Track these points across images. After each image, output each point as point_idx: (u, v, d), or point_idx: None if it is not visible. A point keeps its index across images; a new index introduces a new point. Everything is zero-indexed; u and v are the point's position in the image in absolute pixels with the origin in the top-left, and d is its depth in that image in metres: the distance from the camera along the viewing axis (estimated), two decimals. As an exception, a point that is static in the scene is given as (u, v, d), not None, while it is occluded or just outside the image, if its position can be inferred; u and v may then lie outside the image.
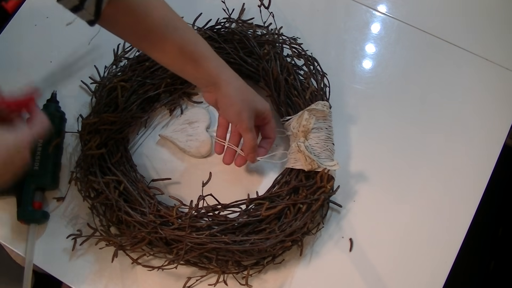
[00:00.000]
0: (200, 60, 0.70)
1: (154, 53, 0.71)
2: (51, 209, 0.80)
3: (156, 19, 0.67)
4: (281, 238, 0.71)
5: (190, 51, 0.69)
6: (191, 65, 0.70)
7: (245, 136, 0.74)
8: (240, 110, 0.72)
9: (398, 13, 0.96)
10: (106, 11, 0.65)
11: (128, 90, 0.82)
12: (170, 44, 0.68)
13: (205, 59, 0.71)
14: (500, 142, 0.85)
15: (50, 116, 0.82)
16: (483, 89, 0.89)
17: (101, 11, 0.65)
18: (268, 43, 0.84)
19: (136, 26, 0.67)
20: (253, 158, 0.76)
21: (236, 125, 0.74)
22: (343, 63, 0.92)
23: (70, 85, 0.88)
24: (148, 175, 0.82)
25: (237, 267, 0.74)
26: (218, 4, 0.91)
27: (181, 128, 0.85)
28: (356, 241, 0.78)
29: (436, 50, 0.93)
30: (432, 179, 0.82)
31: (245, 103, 0.72)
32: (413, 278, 0.76)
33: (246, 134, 0.73)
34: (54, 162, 0.81)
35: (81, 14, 0.65)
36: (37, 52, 0.90)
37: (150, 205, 0.75)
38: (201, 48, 0.71)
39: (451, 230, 0.79)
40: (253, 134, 0.74)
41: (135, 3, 0.66)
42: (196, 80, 0.74)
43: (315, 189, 0.75)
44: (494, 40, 0.93)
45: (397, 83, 0.90)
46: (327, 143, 0.76)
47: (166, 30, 0.68)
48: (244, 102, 0.72)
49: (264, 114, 0.76)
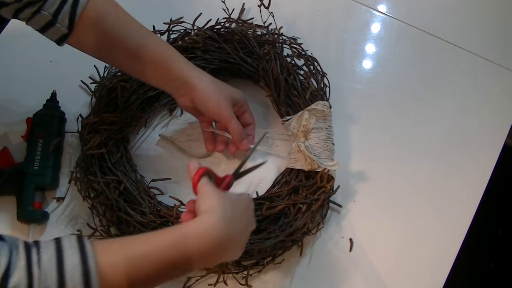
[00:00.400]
0: (171, 61, 0.72)
1: (127, 62, 0.72)
2: (51, 209, 0.80)
3: (127, 27, 0.70)
4: (281, 238, 0.71)
5: (160, 54, 0.71)
6: (164, 68, 0.71)
7: (230, 125, 0.75)
8: (218, 101, 0.73)
9: (398, 13, 0.96)
10: (79, 23, 0.66)
11: (128, 90, 0.82)
12: (142, 50, 0.70)
13: (175, 61, 0.72)
14: (500, 142, 0.85)
15: (50, 116, 0.83)
16: (483, 89, 0.89)
17: (74, 23, 0.66)
18: (268, 43, 0.84)
19: (109, 34, 0.68)
20: (246, 145, 0.77)
21: (218, 117, 0.74)
22: (343, 63, 0.92)
23: (70, 85, 0.88)
24: (148, 175, 0.82)
25: (237, 267, 0.74)
26: (218, 4, 0.91)
27: (181, 128, 0.85)
28: (356, 241, 0.78)
29: (436, 50, 0.93)
30: (432, 179, 0.82)
31: (221, 94, 0.74)
32: (413, 278, 0.76)
33: (231, 123, 0.74)
34: (54, 162, 0.81)
35: (52, 31, 0.67)
36: (37, 52, 0.90)
37: (150, 205, 0.75)
38: (170, 51, 0.73)
39: (451, 230, 0.79)
40: (237, 121, 0.75)
41: (105, 13, 0.68)
42: (169, 84, 0.74)
43: (315, 189, 0.75)
44: (494, 40, 0.94)
45: (397, 83, 0.90)
46: (327, 143, 0.76)
47: (137, 37, 0.70)
48: (220, 93, 0.74)
49: (240, 103, 0.78)
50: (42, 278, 0.45)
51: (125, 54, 0.70)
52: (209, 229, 0.54)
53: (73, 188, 0.80)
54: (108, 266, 0.49)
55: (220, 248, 0.55)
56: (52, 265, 0.46)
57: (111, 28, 0.68)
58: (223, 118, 0.74)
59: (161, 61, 0.71)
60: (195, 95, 0.73)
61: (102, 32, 0.68)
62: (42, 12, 0.65)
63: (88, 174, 0.77)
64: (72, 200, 0.80)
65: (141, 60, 0.70)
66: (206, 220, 0.55)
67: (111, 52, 0.71)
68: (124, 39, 0.69)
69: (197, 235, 0.53)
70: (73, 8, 0.65)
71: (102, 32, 0.68)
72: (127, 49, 0.70)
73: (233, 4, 0.92)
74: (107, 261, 0.50)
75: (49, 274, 0.46)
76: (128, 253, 0.51)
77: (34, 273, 0.45)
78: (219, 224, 0.54)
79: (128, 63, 0.72)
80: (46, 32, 0.67)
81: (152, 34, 0.73)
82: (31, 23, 0.66)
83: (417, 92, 0.89)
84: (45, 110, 0.84)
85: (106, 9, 0.68)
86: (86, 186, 0.77)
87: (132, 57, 0.70)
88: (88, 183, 0.77)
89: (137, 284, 0.51)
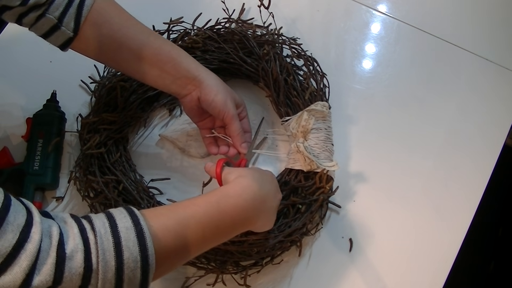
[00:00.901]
0: (178, 58, 0.71)
1: (132, 63, 0.71)
2: (50, 208, 0.80)
3: (131, 27, 0.70)
4: (280, 238, 0.71)
5: (167, 51, 0.71)
6: (171, 65, 0.71)
7: (232, 125, 0.75)
8: (225, 98, 0.73)
9: (398, 13, 0.96)
10: (84, 26, 0.67)
11: (128, 89, 0.82)
12: (148, 49, 0.70)
13: (182, 58, 0.72)
14: (500, 142, 0.85)
15: (50, 116, 0.83)
16: (483, 89, 0.89)
17: (80, 26, 0.66)
18: (268, 44, 0.84)
19: (114, 36, 0.68)
20: (245, 148, 0.77)
21: (223, 115, 0.74)
22: (343, 63, 0.92)
23: (70, 85, 0.88)
24: (147, 175, 0.82)
25: (235, 267, 0.74)
26: (218, 4, 0.91)
27: (181, 128, 0.85)
28: (355, 242, 0.78)
29: (436, 50, 0.92)
30: (432, 179, 0.82)
31: (228, 92, 0.74)
32: (413, 278, 0.76)
33: (234, 123, 0.74)
34: (54, 162, 0.81)
35: (57, 35, 0.67)
36: (37, 52, 0.90)
37: (149, 205, 0.75)
38: (176, 49, 0.73)
39: (451, 230, 0.79)
40: (239, 122, 0.76)
41: (109, 15, 0.68)
42: (176, 81, 0.73)
43: (314, 189, 0.75)
44: (494, 40, 0.93)
45: (397, 83, 0.90)
46: (326, 143, 0.76)
47: (142, 37, 0.70)
48: (227, 91, 0.74)
49: (241, 107, 0.78)
50: (98, 241, 0.47)
51: (130, 55, 0.70)
52: (245, 187, 0.61)
53: (72, 188, 0.80)
54: (159, 227, 0.52)
55: (257, 205, 0.61)
56: (106, 230, 0.48)
57: (116, 29, 0.68)
58: (228, 116, 0.73)
59: (168, 59, 0.71)
60: (203, 90, 0.72)
61: (106, 34, 0.68)
62: (47, 16, 0.64)
63: (88, 173, 0.77)
64: (72, 199, 0.81)
65: (147, 59, 0.70)
66: (241, 181, 0.62)
67: (116, 54, 0.70)
68: (129, 40, 0.69)
69: (235, 193, 0.60)
70: (79, 10, 0.65)
71: (106, 34, 0.68)
72: (132, 50, 0.69)
73: (233, 4, 0.92)
74: (158, 222, 0.52)
75: (104, 237, 0.48)
76: (177, 215, 0.55)
77: (89, 238, 0.47)
78: (253, 184, 0.61)
79: (133, 64, 0.71)
80: (50, 37, 0.67)
81: (156, 34, 0.73)
82: (35, 28, 0.66)
83: (417, 92, 0.89)
84: (45, 110, 0.84)
85: (109, 10, 0.68)
86: (86, 186, 0.77)
87: (138, 58, 0.70)
88: (87, 182, 0.77)
89: (187, 245, 0.55)
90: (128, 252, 0.48)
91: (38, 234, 0.44)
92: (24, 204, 0.46)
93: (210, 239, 0.58)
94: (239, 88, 0.79)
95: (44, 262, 0.44)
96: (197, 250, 0.57)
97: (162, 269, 0.53)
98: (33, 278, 0.43)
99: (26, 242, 0.43)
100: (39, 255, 0.44)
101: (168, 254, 0.53)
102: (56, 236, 0.45)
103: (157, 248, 0.50)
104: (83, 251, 0.46)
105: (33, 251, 0.43)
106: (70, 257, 0.45)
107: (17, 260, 0.42)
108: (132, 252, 0.48)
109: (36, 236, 0.44)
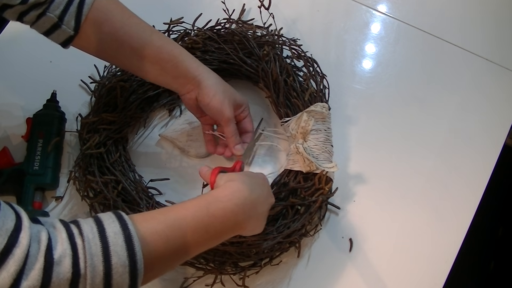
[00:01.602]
0: (179, 57, 0.72)
1: (133, 61, 0.71)
2: (50, 208, 0.80)
3: (133, 25, 0.70)
4: (279, 239, 0.71)
5: (169, 50, 0.71)
6: (171, 63, 0.71)
7: (227, 127, 0.75)
8: (222, 99, 0.73)
9: (398, 13, 0.96)
10: (85, 24, 0.66)
11: (128, 90, 0.82)
12: (150, 47, 0.70)
13: (183, 57, 0.72)
14: (500, 142, 0.85)
15: (50, 116, 0.83)
16: (482, 89, 0.89)
17: (80, 25, 0.66)
18: (268, 44, 0.84)
19: (116, 34, 0.68)
20: (239, 150, 0.77)
21: (218, 116, 0.74)
22: (343, 64, 0.91)
23: (69, 85, 0.88)
24: (146, 175, 0.82)
25: (234, 268, 0.74)
26: (218, 4, 0.91)
27: (181, 128, 0.85)
28: (355, 242, 0.78)
29: (436, 50, 0.92)
30: (432, 179, 0.82)
31: (226, 94, 0.74)
32: (413, 278, 0.76)
33: (228, 125, 0.75)
34: (54, 162, 0.81)
35: (58, 33, 0.67)
36: (37, 52, 0.90)
37: (148, 205, 0.75)
38: (178, 48, 0.73)
39: (451, 230, 0.79)
40: (234, 125, 0.76)
41: (111, 13, 0.68)
42: (177, 80, 0.73)
43: (314, 190, 0.74)
44: (494, 40, 0.93)
45: (397, 83, 0.90)
46: (325, 144, 0.76)
47: (144, 35, 0.70)
48: (225, 93, 0.74)
49: (243, 107, 0.78)
50: (86, 246, 0.47)
51: (131, 53, 0.70)
52: (235, 191, 0.61)
53: (72, 188, 0.80)
54: (148, 231, 0.52)
55: (247, 209, 0.60)
56: (94, 234, 0.48)
57: (118, 27, 0.68)
58: (223, 118, 0.74)
59: (169, 58, 0.71)
60: (200, 91, 0.73)
61: (108, 32, 0.68)
62: (47, 15, 0.64)
63: (87, 173, 0.77)
64: (71, 199, 0.81)
65: (148, 57, 0.70)
66: (231, 185, 0.62)
67: (117, 51, 0.70)
68: (130, 38, 0.69)
69: (224, 197, 0.59)
70: (79, 9, 0.65)
71: (108, 32, 0.68)
72: (134, 48, 0.69)
73: (233, 5, 0.92)
74: (147, 227, 0.52)
75: (92, 242, 0.47)
76: (166, 219, 0.55)
77: (77, 243, 0.47)
78: (243, 188, 0.61)
79: (134, 62, 0.71)
80: (51, 35, 0.67)
81: (158, 32, 0.73)
82: (36, 26, 0.66)
83: (417, 92, 0.89)
84: (45, 110, 0.84)
85: (111, 8, 0.68)
86: (85, 186, 0.77)
87: (139, 56, 0.70)
88: (86, 182, 0.77)
89: (176, 250, 0.54)
90: (116, 257, 0.47)
91: (27, 239, 0.44)
92: (14, 209, 0.46)
93: (200, 243, 0.57)
94: (239, 88, 0.79)
95: (32, 267, 0.43)
96: (187, 254, 0.57)
97: (151, 274, 0.53)
98: (21, 283, 0.43)
99: (14, 247, 0.43)
100: (27, 260, 0.43)
101: (158, 258, 0.52)
102: (45, 241, 0.45)
103: (146, 252, 0.50)
104: (71, 256, 0.46)
105: (21, 256, 0.43)
106: (58, 262, 0.45)
107: (4, 265, 0.42)
108: (120, 257, 0.48)
109: (25, 241, 0.44)
